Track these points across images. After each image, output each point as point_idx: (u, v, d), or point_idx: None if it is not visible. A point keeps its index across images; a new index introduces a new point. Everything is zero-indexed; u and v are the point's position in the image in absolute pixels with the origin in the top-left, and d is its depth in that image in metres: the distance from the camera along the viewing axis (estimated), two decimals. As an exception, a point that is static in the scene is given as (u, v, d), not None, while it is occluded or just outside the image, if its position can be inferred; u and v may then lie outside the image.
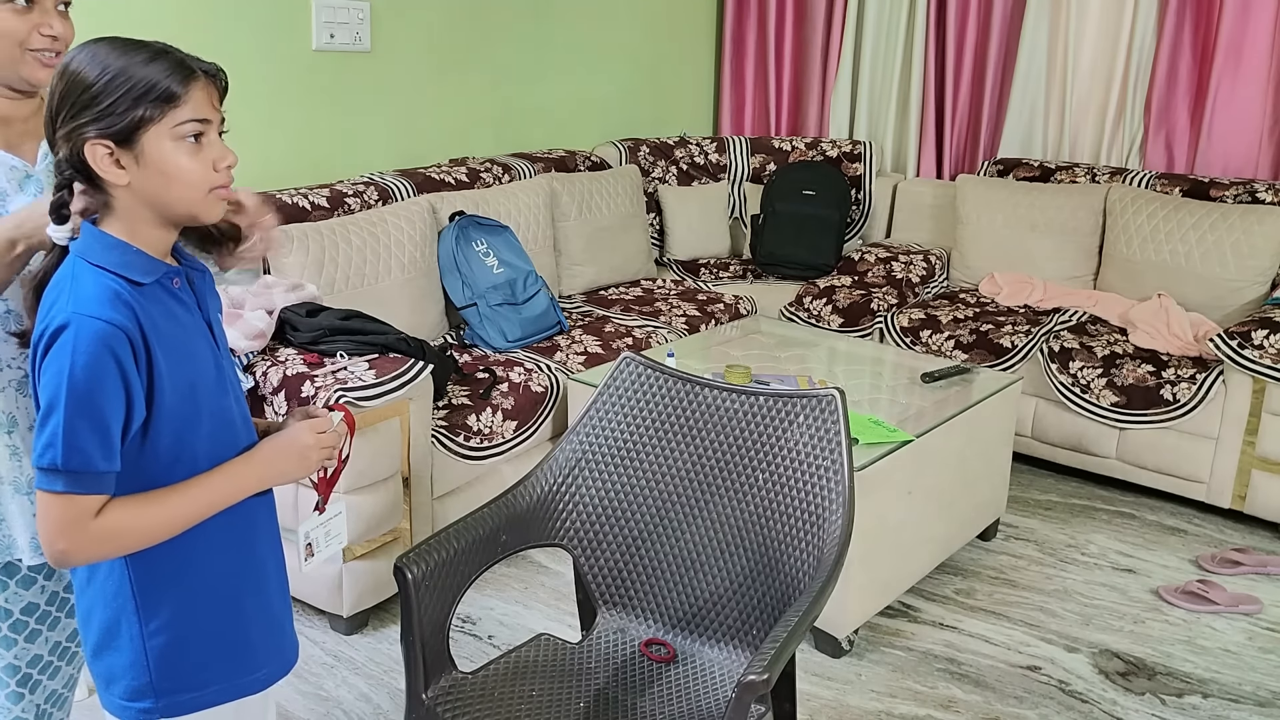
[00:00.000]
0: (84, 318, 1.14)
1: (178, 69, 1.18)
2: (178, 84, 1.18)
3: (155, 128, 1.18)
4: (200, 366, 1.27)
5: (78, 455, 1.14)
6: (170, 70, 1.18)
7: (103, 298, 1.16)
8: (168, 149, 1.19)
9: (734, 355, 3.24)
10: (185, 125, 1.19)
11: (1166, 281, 3.78)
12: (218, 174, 1.23)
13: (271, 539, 1.39)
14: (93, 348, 1.14)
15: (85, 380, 1.13)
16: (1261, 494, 3.24)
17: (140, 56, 1.18)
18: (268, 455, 1.32)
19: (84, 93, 1.17)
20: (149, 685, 1.27)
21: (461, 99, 3.96)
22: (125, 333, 1.16)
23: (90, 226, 1.22)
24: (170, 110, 1.18)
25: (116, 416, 1.16)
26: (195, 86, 1.20)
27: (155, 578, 1.25)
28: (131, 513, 1.19)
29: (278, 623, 1.40)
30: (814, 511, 1.77)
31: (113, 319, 1.15)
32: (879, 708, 2.41)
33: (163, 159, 1.19)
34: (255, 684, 1.35)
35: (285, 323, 2.71)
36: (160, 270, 1.24)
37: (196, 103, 1.19)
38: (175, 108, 1.18)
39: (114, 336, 1.15)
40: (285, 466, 1.33)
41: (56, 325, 1.15)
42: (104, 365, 1.14)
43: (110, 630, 1.27)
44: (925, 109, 4.67)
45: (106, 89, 1.16)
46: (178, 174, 1.20)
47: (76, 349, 1.13)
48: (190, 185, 1.21)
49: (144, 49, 1.19)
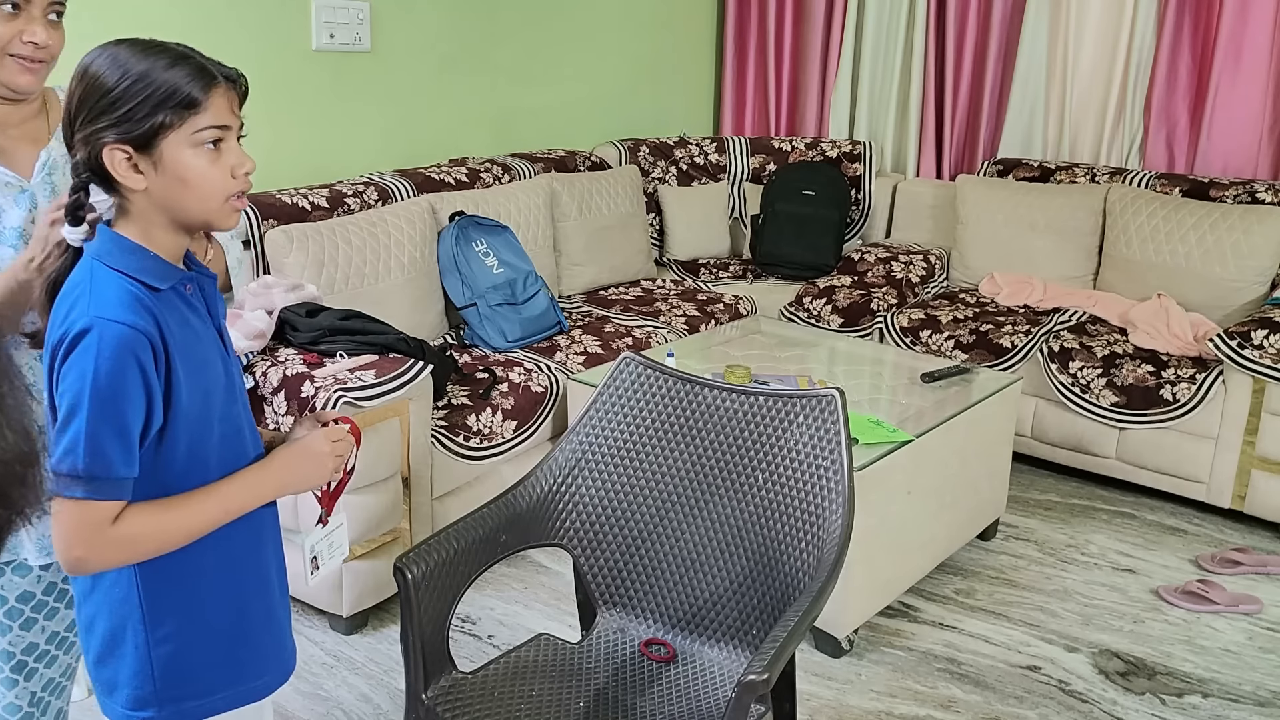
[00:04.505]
0: (107, 322, 1.13)
1: (199, 75, 1.17)
2: (199, 90, 1.16)
3: (175, 134, 1.16)
4: (212, 373, 1.26)
5: (100, 461, 1.13)
6: (191, 76, 1.16)
7: (124, 301, 1.15)
8: (187, 155, 1.17)
9: (734, 355, 3.24)
10: (205, 132, 1.17)
11: (1166, 281, 3.78)
12: (235, 181, 1.21)
13: (275, 547, 1.39)
14: (116, 352, 1.12)
15: (109, 385, 1.12)
16: (1261, 494, 3.24)
17: (161, 61, 1.16)
18: (284, 463, 1.31)
19: (103, 97, 1.15)
20: (153, 694, 1.26)
21: (461, 99, 3.96)
22: (148, 337, 1.15)
23: (106, 229, 1.21)
24: (190, 117, 1.16)
25: (137, 421, 1.15)
26: (216, 93, 1.18)
27: (164, 586, 1.24)
28: (149, 519, 1.18)
29: (279, 629, 1.39)
30: (814, 511, 1.77)
31: (135, 323, 1.14)
32: (879, 708, 2.41)
33: (181, 165, 1.17)
34: (258, 691, 1.34)
35: (285, 323, 2.71)
36: (175, 276, 1.22)
37: (217, 109, 1.18)
38: (195, 114, 1.17)
39: (137, 341, 1.14)
40: (303, 473, 1.32)
41: (79, 329, 1.13)
42: (127, 369, 1.13)
43: (114, 638, 1.26)
44: (925, 109, 4.67)
45: (126, 94, 1.15)
46: (196, 181, 1.18)
47: (100, 353, 1.12)
48: (208, 193, 1.20)
49: (165, 53, 1.17)
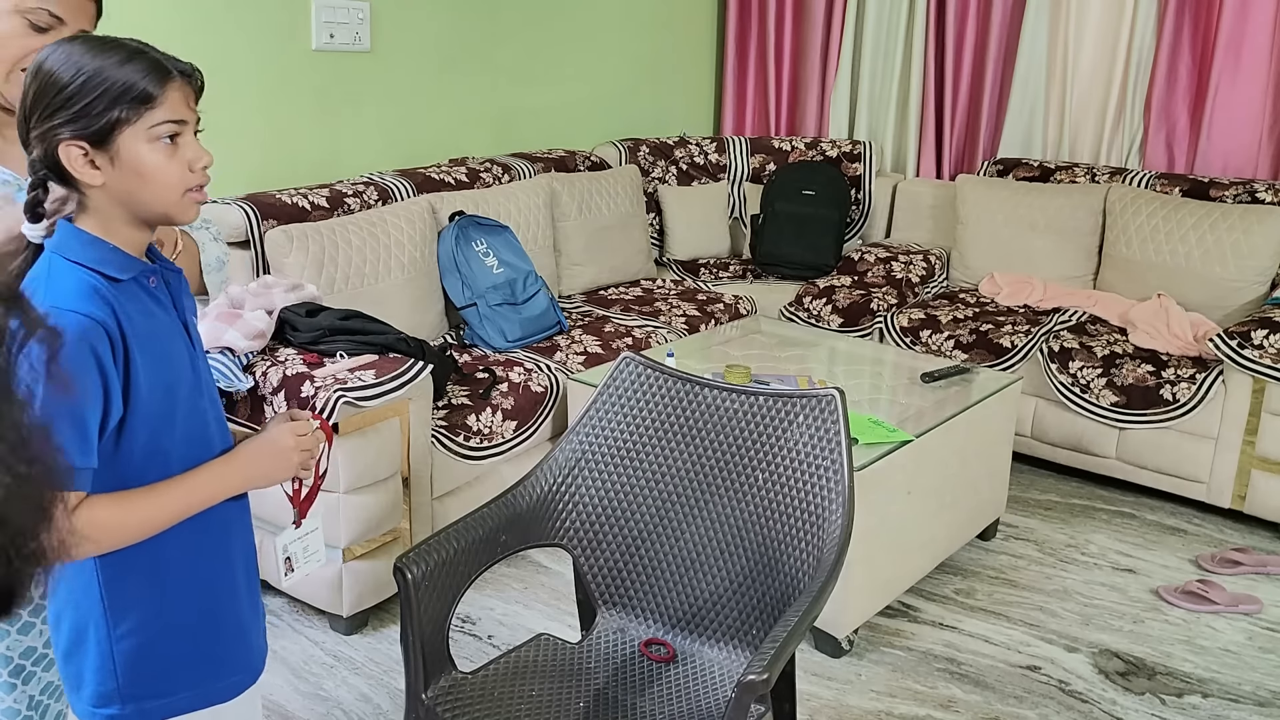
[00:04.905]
0: (62, 311, 1.13)
1: (153, 69, 1.17)
2: (153, 85, 1.16)
3: (130, 129, 1.16)
4: (177, 366, 1.26)
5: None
6: (146, 71, 1.16)
7: (81, 292, 1.15)
8: (143, 150, 1.17)
9: (734, 355, 3.24)
10: (161, 126, 1.17)
11: (1166, 281, 3.77)
12: (193, 174, 1.21)
13: (245, 544, 1.37)
14: (71, 342, 1.12)
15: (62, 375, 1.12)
16: (1261, 494, 3.24)
17: (115, 57, 1.16)
18: (249, 456, 1.31)
19: (58, 94, 1.15)
20: (115, 691, 1.25)
21: (461, 99, 3.96)
22: (104, 327, 1.15)
23: (66, 224, 1.21)
24: (146, 111, 1.16)
25: (94, 412, 1.15)
26: (171, 87, 1.18)
27: (125, 580, 1.23)
28: (108, 511, 1.17)
29: (247, 630, 1.38)
30: (814, 511, 1.77)
31: (91, 313, 1.14)
32: (879, 708, 2.41)
33: (138, 160, 1.17)
34: (224, 691, 1.33)
35: (285, 323, 2.71)
36: (137, 268, 1.22)
37: (172, 103, 1.18)
38: (151, 109, 1.16)
39: (92, 330, 1.14)
40: (266, 467, 1.32)
41: None
42: (82, 360, 1.13)
43: (78, 633, 1.25)
44: (925, 109, 4.66)
45: (81, 90, 1.14)
46: (153, 175, 1.18)
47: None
48: (165, 186, 1.20)
49: (119, 49, 1.17)
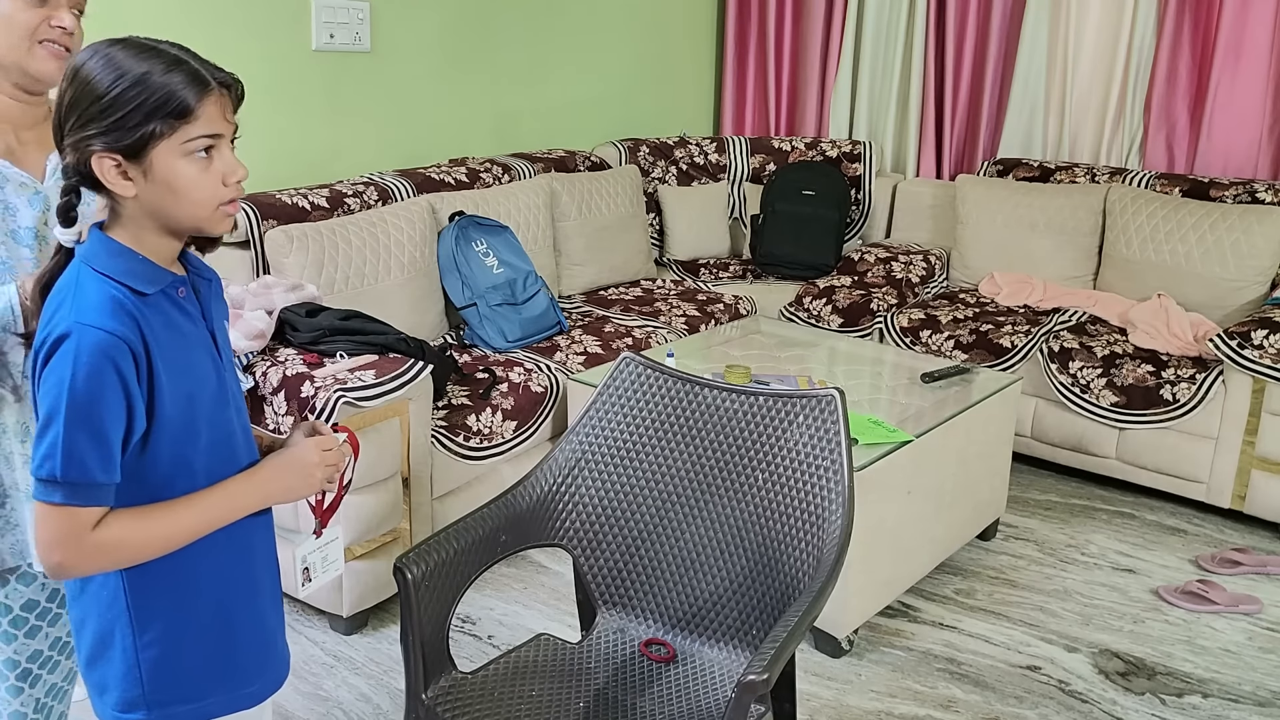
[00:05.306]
0: (86, 327, 1.12)
1: (193, 81, 1.15)
2: (192, 98, 1.14)
3: (165, 143, 1.15)
4: (200, 378, 1.25)
5: (76, 467, 1.12)
6: (185, 83, 1.14)
7: (105, 307, 1.14)
8: (177, 164, 1.16)
9: (734, 355, 3.24)
10: (196, 141, 1.16)
11: (1166, 281, 3.78)
12: (227, 188, 1.20)
13: (267, 555, 1.38)
14: (94, 358, 1.12)
15: (86, 391, 1.11)
16: (1261, 494, 3.24)
17: (155, 66, 1.14)
18: (271, 473, 1.30)
19: (94, 103, 1.13)
20: (141, 697, 1.26)
21: (461, 99, 3.96)
22: (127, 343, 1.14)
23: (97, 232, 1.20)
24: (182, 126, 1.15)
25: (117, 428, 1.14)
26: (209, 100, 1.16)
27: (150, 590, 1.24)
28: (130, 526, 1.17)
29: (271, 637, 1.38)
30: (814, 511, 1.77)
31: (115, 329, 1.13)
32: (879, 708, 2.41)
33: (171, 174, 1.16)
34: (249, 699, 1.34)
35: (285, 323, 2.71)
36: (165, 280, 1.21)
37: (209, 117, 1.16)
38: (187, 123, 1.15)
39: (116, 347, 1.13)
40: (289, 484, 1.31)
41: (58, 334, 1.13)
42: (105, 376, 1.12)
43: (103, 640, 1.26)
44: (925, 109, 4.67)
45: (117, 102, 1.13)
46: (186, 190, 1.17)
47: (78, 359, 1.11)
48: (198, 201, 1.18)
49: (159, 57, 1.15)
